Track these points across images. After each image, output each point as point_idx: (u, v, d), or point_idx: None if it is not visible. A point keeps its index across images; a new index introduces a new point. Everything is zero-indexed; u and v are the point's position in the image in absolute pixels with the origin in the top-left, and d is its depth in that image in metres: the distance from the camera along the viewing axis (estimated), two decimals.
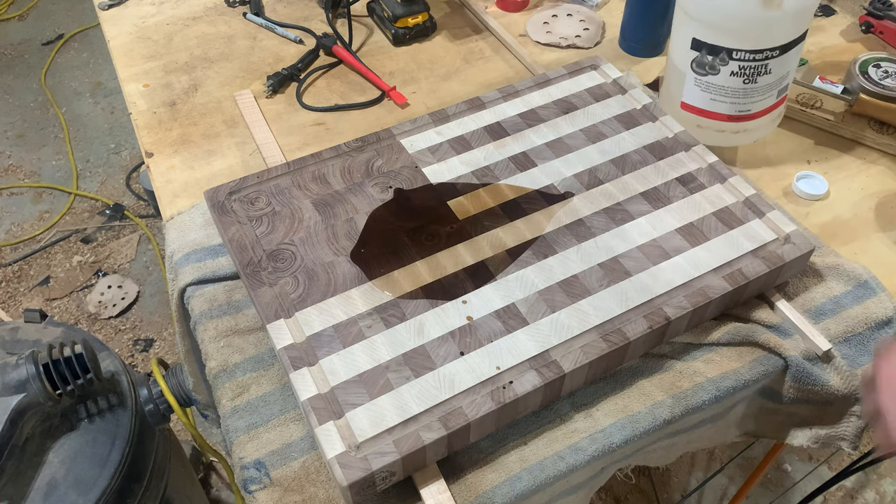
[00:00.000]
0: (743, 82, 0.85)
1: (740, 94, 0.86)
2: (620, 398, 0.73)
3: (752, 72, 0.83)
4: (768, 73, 0.84)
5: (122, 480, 0.86)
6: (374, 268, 0.75)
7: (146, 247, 2.04)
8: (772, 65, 0.83)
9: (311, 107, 1.03)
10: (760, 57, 0.82)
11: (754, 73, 0.84)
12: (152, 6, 1.22)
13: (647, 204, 0.81)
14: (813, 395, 0.76)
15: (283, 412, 0.72)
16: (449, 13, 1.20)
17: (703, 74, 0.86)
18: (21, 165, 2.26)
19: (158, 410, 0.94)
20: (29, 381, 0.79)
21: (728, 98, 0.87)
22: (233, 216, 0.80)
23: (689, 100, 0.90)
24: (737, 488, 1.50)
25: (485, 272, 0.75)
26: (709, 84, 0.86)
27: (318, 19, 1.19)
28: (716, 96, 0.87)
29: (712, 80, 0.86)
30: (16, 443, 0.79)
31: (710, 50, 0.83)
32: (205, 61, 1.11)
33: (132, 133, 2.26)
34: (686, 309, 0.71)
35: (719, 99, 0.87)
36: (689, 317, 0.72)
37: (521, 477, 0.67)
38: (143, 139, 1.00)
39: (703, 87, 0.87)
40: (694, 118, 0.91)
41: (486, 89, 1.05)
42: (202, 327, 0.78)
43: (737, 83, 0.85)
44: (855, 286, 0.80)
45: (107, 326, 1.86)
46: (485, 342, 0.69)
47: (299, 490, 0.67)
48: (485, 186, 0.83)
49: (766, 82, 0.85)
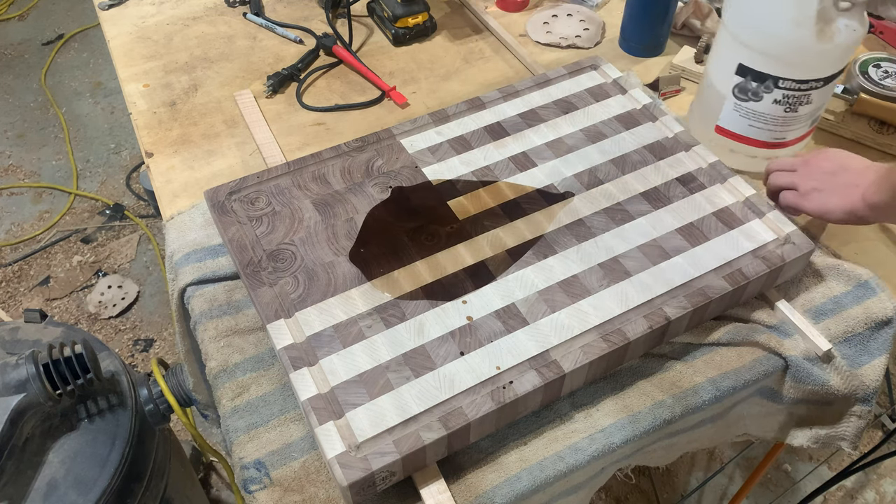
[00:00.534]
0: (784, 111, 0.84)
1: (780, 122, 0.85)
2: (620, 398, 0.73)
3: (794, 101, 0.83)
4: (809, 103, 0.84)
5: (122, 480, 0.86)
6: (374, 268, 0.75)
7: (146, 247, 2.04)
8: (814, 95, 0.83)
9: (311, 107, 1.03)
10: (805, 87, 0.81)
11: (796, 103, 0.83)
12: (152, 6, 1.22)
13: (647, 204, 0.81)
14: (813, 395, 0.76)
15: (283, 412, 0.72)
16: (449, 13, 1.20)
17: (744, 100, 0.84)
18: (21, 165, 2.26)
19: (158, 410, 0.94)
20: (29, 381, 0.79)
21: (767, 125, 0.86)
22: (233, 216, 0.80)
23: (726, 124, 0.89)
24: (737, 488, 1.50)
25: (485, 272, 0.75)
26: (749, 110, 0.85)
27: (318, 19, 1.19)
28: (754, 123, 0.86)
29: (753, 106, 0.84)
30: (16, 443, 0.79)
31: (755, 77, 0.82)
32: (205, 61, 1.11)
33: (132, 133, 2.26)
34: (686, 309, 0.71)
35: (757, 125, 0.86)
36: (689, 317, 0.72)
37: (521, 477, 0.67)
38: (143, 139, 1.00)
39: (742, 113, 0.86)
40: (727, 142, 0.90)
41: (486, 89, 1.05)
42: (202, 327, 0.78)
43: (778, 111, 0.84)
44: (855, 286, 0.80)
45: (107, 326, 1.86)
46: (485, 342, 0.69)
47: (299, 490, 0.67)
48: (485, 186, 0.83)
49: (805, 112, 0.85)
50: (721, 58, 0.86)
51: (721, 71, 0.86)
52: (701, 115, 0.93)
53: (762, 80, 0.82)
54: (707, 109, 0.91)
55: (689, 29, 1.11)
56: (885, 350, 0.78)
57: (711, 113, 0.90)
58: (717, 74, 0.88)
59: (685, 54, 1.07)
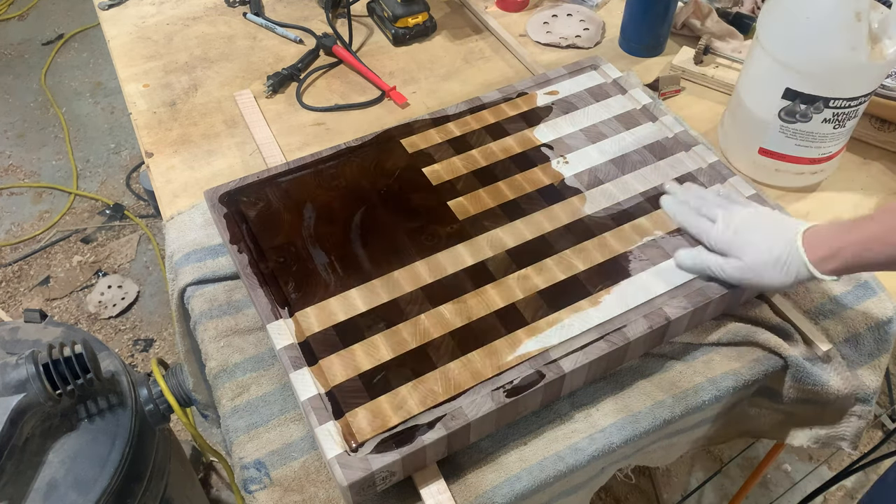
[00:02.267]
0: (833, 127, 0.83)
1: (827, 138, 0.85)
2: (620, 398, 0.73)
3: (843, 117, 0.82)
4: (856, 116, 0.84)
5: (122, 480, 0.86)
6: (374, 268, 0.75)
7: (146, 247, 2.04)
8: (861, 108, 0.83)
9: (311, 107, 1.03)
10: (855, 103, 0.81)
11: (845, 119, 0.83)
12: (152, 6, 1.22)
13: (647, 204, 0.81)
14: (813, 395, 0.76)
15: (283, 412, 0.72)
16: (449, 13, 1.20)
17: (791, 122, 0.84)
18: (21, 165, 2.26)
19: (158, 410, 0.94)
20: (29, 381, 0.79)
21: (815, 143, 0.85)
22: (233, 216, 0.80)
23: (772, 146, 0.88)
24: (737, 488, 1.50)
25: (485, 272, 0.75)
26: (797, 131, 0.84)
27: (318, 19, 1.19)
28: (802, 142, 0.85)
29: (801, 126, 0.84)
30: (16, 443, 0.79)
31: (805, 99, 0.81)
32: (205, 61, 1.11)
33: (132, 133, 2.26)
34: (686, 309, 0.71)
35: (805, 144, 0.86)
36: (689, 317, 0.72)
37: (521, 477, 0.67)
38: (143, 139, 1.00)
39: (788, 134, 0.85)
40: (773, 163, 0.89)
41: (486, 89, 1.05)
42: (202, 327, 0.78)
43: (826, 129, 0.83)
44: (855, 286, 0.80)
45: (107, 326, 1.86)
46: (485, 342, 0.69)
47: (299, 490, 0.67)
48: (485, 186, 0.83)
49: (851, 125, 0.85)
50: (762, 82, 0.85)
51: (764, 97, 0.85)
52: (740, 139, 0.92)
53: (812, 101, 0.81)
54: (747, 133, 0.90)
55: (689, 29, 1.11)
56: (885, 350, 0.78)
57: (752, 136, 0.89)
58: (757, 100, 0.86)
59: (685, 54, 1.07)
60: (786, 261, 0.67)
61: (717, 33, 1.08)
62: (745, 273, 0.70)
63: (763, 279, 0.69)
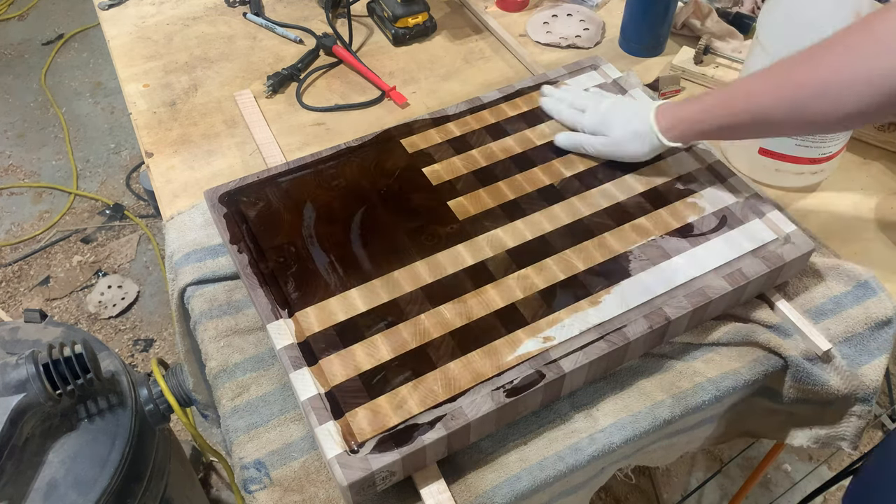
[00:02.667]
0: None
1: (827, 138, 0.84)
2: (620, 398, 0.73)
3: None
4: None
5: (122, 480, 0.86)
6: (374, 268, 0.75)
7: (146, 247, 2.04)
8: None
9: (311, 107, 1.03)
10: None
11: None
12: (152, 6, 1.22)
13: (647, 204, 0.81)
14: (813, 395, 0.76)
15: (283, 412, 0.72)
16: (449, 13, 1.20)
17: None
18: (21, 165, 2.26)
19: (158, 410, 0.94)
20: (29, 381, 0.79)
21: (815, 143, 0.85)
22: (233, 216, 0.80)
23: (771, 146, 0.87)
24: (737, 488, 1.50)
25: (485, 272, 0.75)
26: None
27: (318, 19, 1.19)
28: (802, 142, 0.85)
29: None
30: (16, 443, 0.79)
31: None
32: (205, 61, 1.11)
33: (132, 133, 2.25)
34: (686, 309, 0.71)
35: (805, 144, 0.85)
36: (689, 317, 0.72)
37: (521, 477, 0.67)
38: (143, 139, 1.00)
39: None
40: (773, 163, 0.89)
41: (486, 89, 1.05)
42: (202, 327, 0.78)
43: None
44: (855, 286, 0.80)
45: (107, 326, 1.86)
46: (485, 342, 0.69)
47: (299, 490, 0.67)
48: (485, 187, 0.83)
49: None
50: None
51: None
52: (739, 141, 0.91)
53: None
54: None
55: (689, 29, 1.11)
56: (885, 350, 0.78)
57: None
58: None
59: (685, 54, 1.07)
60: (642, 133, 0.79)
61: (717, 33, 1.08)
62: (609, 146, 0.83)
63: (627, 150, 0.82)
